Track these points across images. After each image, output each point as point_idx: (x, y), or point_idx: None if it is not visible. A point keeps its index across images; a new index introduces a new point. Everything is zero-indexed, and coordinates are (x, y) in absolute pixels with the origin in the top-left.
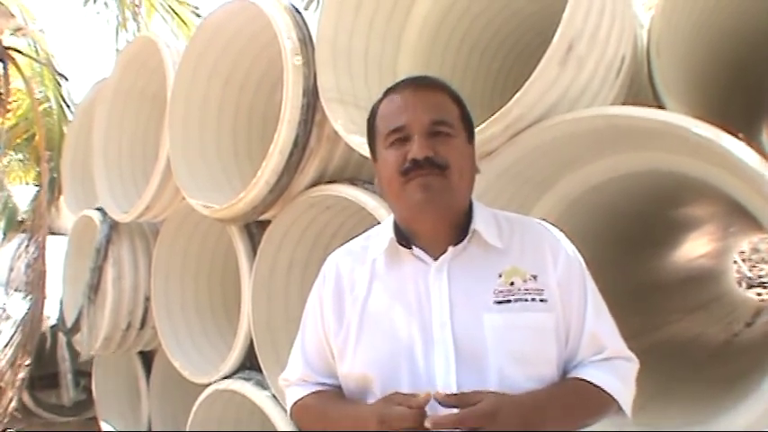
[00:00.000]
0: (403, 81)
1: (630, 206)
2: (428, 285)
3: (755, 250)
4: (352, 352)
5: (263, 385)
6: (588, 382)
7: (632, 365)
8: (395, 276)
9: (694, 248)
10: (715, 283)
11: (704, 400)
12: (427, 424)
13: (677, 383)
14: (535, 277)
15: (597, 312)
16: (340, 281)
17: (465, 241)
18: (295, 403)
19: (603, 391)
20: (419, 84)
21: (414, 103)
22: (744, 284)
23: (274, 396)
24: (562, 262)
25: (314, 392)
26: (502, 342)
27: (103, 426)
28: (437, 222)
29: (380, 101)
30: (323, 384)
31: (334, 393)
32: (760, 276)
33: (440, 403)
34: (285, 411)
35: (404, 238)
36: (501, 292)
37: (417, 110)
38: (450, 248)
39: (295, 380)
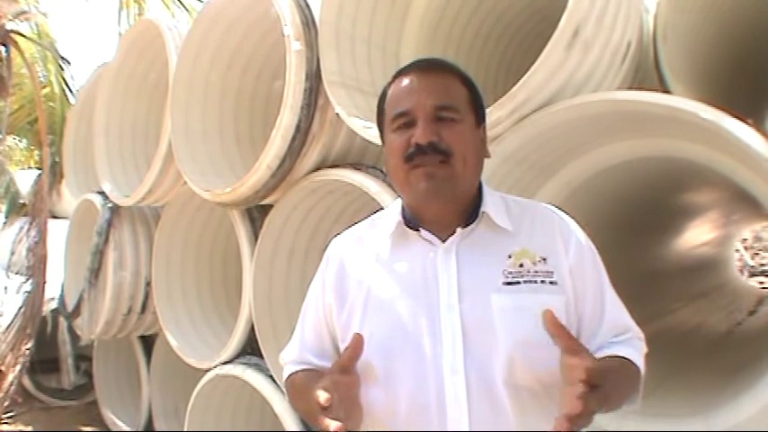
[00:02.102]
0: (412, 63)
1: (634, 193)
2: (436, 267)
3: (758, 238)
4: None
5: (263, 370)
6: (630, 360)
7: (645, 347)
8: (401, 258)
9: (697, 236)
10: (717, 271)
11: (707, 390)
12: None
13: (679, 372)
14: (545, 259)
15: (613, 296)
16: (344, 263)
17: (474, 223)
18: (286, 379)
19: (638, 368)
20: (427, 67)
21: (420, 87)
22: (746, 273)
23: (275, 381)
24: (574, 247)
25: (303, 370)
26: (510, 323)
27: (103, 410)
28: (443, 209)
29: (390, 83)
30: (315, 365)
31: (321, 373)
32: (762, 265)
33: (551, 329)
34: (285, 395)
35: (411, 220)
36: (510, 273)
37: (423, 94)
38: (459, 230)
39: (290, 360)
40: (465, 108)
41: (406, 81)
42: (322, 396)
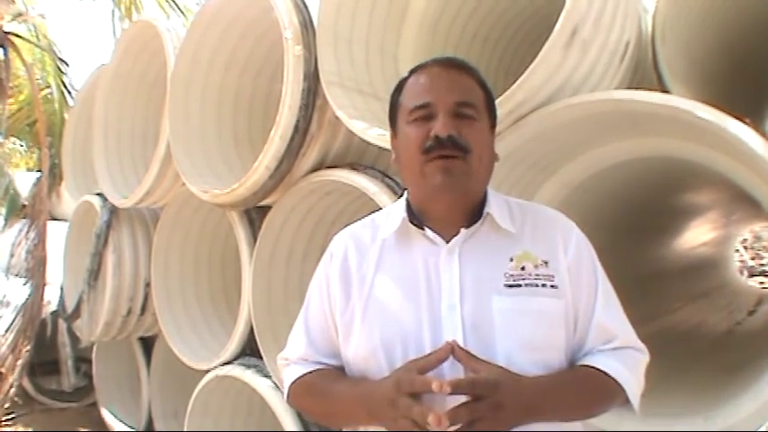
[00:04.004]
0: (432, 60)
1: (633, 192)
2: (438, 267)
3: (757, 239)
4: (358, 333)
5: (262, 371)
6: (596, 368)
7: (642, 357)
8: (404, 257)
9: (696, 236)
10: (717, 271)
11: (706, 390)
12: (447, 388)
13: (679, 372)
14: (546, 263)
15: (607, 301)
16: (347, 259)
17: (477, 224)
18: (294, 382)
19: (611, 378)
20: (449, 64)
21: (441, 82)
22: (746, 273)
23: (274, 382)
24: (573, 249)
25: (315, 371)
26: (510, 326)
27: (104, 412)
28: (453, 205)
29: (407, 77)
30: (324, 364)
31: (338, 372)
32: (762, 265)
33: (454, 356)
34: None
35: (416, 218)
36: (511, 275)
37: (444, 89)
38: (463, 230)
39: (295, 359)
40: (482, 109)
41: (426, 75)
42: (432, 417)
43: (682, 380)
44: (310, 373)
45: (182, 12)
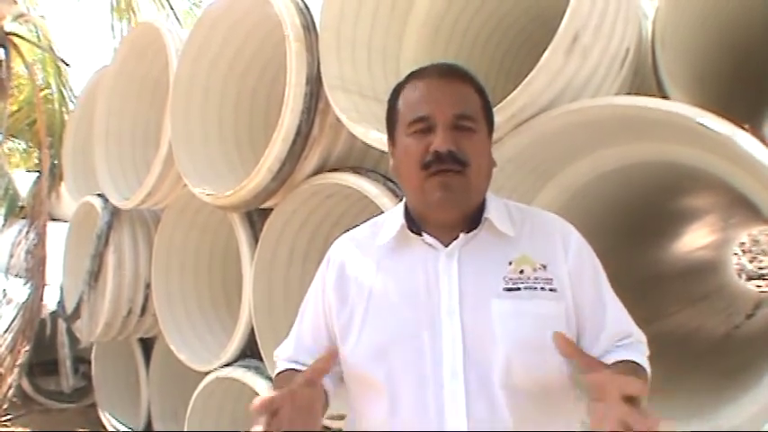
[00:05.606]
0: (429, 67)
1: (632, 197)
2: (438, 272)
3: (755, 242)
4: (357, 336)
5: (263, 373)
6: (637, 363)
7: (647, 350)
8: (403, 262)
9: (695, 240)
10: (715, 274)
11: (705, 393)
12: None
13: (678, 376)
14: (545, 266)
15: (613, 301)
16: (345, 265)
17: (477, 229)
18: (275, 376)
19: (644, 370)
20: (446, 73)
21: (439, 94)
22: (744, 276)
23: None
24: (573, 253)
25: (290, 369)
26: (510, 330)
27: (102, 413)
28: (452, 216)
29: (404, 84)
30: (308, 365)
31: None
32: (760, 268)
33: (560, 350)
34: None
35: (414, 224)
36: (510, 279)
37: (443, 101)
38: (462, 235)
39: (284, 357)
40: (480, 117)
41: (423, 85)
42: (258, 399)
43: (681, 383)
44: (287, 370)
45: (177, 18)
